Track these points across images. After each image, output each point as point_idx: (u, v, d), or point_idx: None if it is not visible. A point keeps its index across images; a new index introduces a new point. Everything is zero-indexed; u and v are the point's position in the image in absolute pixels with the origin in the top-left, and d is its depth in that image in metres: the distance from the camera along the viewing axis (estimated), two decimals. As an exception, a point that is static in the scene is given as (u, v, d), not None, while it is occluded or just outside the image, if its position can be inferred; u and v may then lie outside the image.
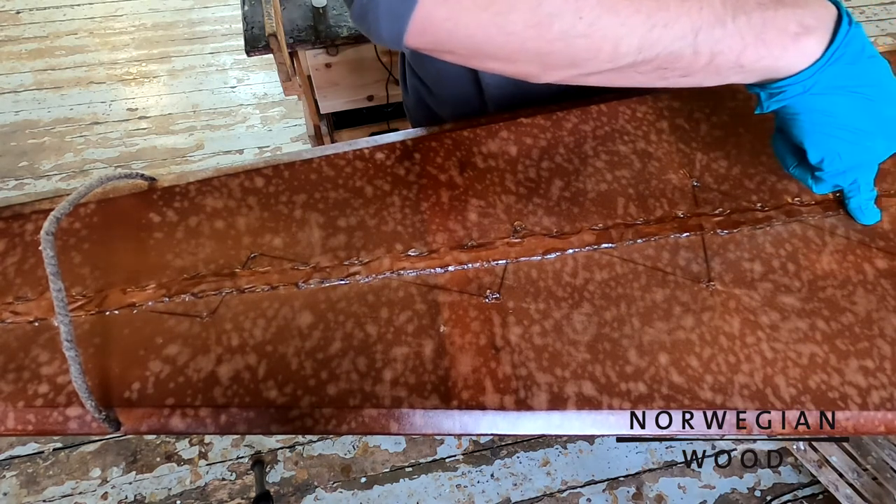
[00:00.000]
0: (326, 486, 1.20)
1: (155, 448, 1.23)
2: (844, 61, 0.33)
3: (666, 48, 0.31)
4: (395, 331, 0.37)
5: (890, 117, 0.35)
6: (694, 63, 0.32)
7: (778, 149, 0.41)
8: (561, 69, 0.32)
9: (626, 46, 0.31)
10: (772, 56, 0.32)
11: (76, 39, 2.24)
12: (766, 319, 0.39)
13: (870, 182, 0.41)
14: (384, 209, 0.42)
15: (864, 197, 0.42)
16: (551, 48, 0.30)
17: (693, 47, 0.31)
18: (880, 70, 0.34)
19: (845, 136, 0.35)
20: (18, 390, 0.34)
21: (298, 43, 1.19)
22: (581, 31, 0.29)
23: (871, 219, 0.43)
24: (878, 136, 0.35)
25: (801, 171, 0.40)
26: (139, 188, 0.42)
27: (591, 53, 0.31)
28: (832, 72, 0.33)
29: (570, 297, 0.39)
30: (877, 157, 0.36)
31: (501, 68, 0.33)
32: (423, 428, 0.35)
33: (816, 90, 0.34)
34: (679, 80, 0.34)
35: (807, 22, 0.32)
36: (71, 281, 0.38)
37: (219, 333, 0.37)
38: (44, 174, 1.76)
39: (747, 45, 0.32)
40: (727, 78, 0.34)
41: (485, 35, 0.30)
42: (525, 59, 0.31)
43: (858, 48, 0.33)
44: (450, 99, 0.63)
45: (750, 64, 0.33)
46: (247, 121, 1.95)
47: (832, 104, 0.34)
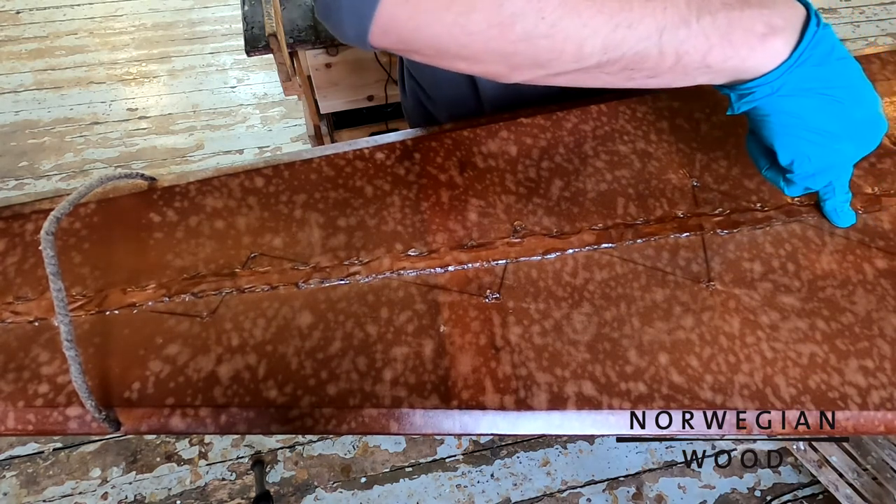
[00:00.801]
0: (326, 486, 1.20)
1: (155, 448, 1.23)
2: (812, 62, 0.33)
3: (631, 48, 0.31)
4: (395, 331, 0.37)
5: (859, 120, 0.34)
6: (661, 64, 0.32)
7: (751, 150, 0.41)
8: (527, 69, 0.32)
9: (591, 47, 0.31)
10: (739, 57, 0.32)
11: (76, 39, 2.24)
12: (765, 319, 0.39)
13: (845, 185, 0.41)
14: (384, 209, 0.42)
15: (840, 200, 0.41)
16: (515, 49, 0.30)
17: (658, 48, 0.31)
18: (850, 72, 0.34)
19: (814, 139, 0.35)
20: (18, 390, 0.34)
21: (298, 43, 1.19)
22: (544, 31, 0.29)
23: (846, 221, 0.42)
24: (847, 139, 0.35)
25: (774, 173, 0.39)
26: (139, 188, 0.42)
27: (556, 54, 0.31)
28: (800, 73, 0.33)
29: (570, 296, 0.39)
30: (847, 159, 0.36)
31: (468, 68, 0.33)
32: (423, 428, 0.35)
33: (785, 91, 0.34)
34: (647, 80, 0.34)
35: (774, 22, 0.32)
36: (71, 281, 0.38)
37: (219, 333, 0.37)
38: (44, 174, 1.76)
39: (713, 46, 0.32)
40: (696, 79, 0.34)
41: (448, 35, 0.30)
42: (490, 59, 0.31)
43: (827, 49, 0.33)
44: (446, 101, 0.63)
45: (717, 65, 0.33)
46: (247, 121, 1.94)
47: (801, 106, 0.34)
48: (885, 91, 0.52)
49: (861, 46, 1.75)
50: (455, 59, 0.32)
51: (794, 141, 0.35)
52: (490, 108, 0.60)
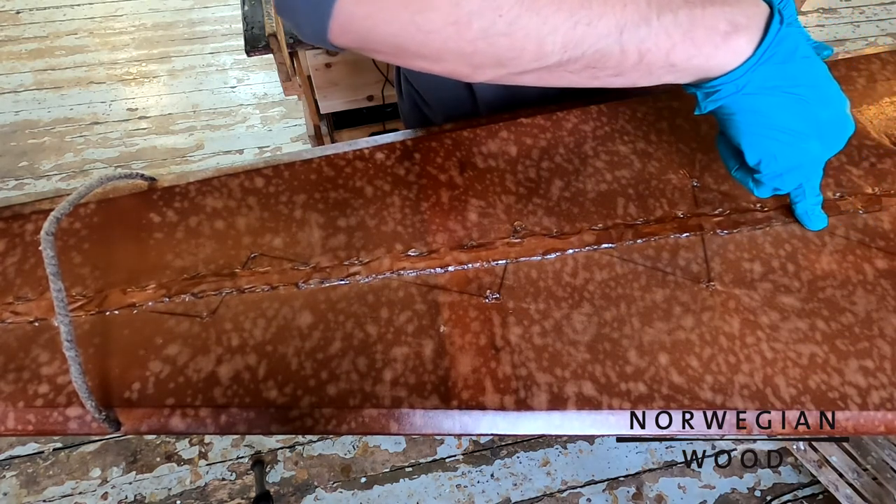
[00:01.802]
0: (326, 486, 1.20)
1: (155, 448, 1.23)
2: (776, 61, 0.33)
3: (592, 46, 0.31)
4: (395, 331, 0.37)
5: (825, 120, 0.34)
6: (623, 62, 0.32)
7: (721, 151, 0.40)
8: (489, 68, 0.32)
9: (551, 45, 0.30)
10: (703, 55, 0.32)
11: (76, 39, 2.24)
12: (765, 319, 0.39)
13: (815, 187, 0.40)
14: (384, 209, 0.42)
15: (811, 202, 0.41)
16: (474, 47, 0.30)
17: (620, 45, 0.31)
18: (815, 71, 0.34)
19: (780, 138, 0.34)
20: (18, 390, 0.34)
21: (298, 43, 1.19)
22: (501, 29, 0.29)
23: (817, 224, 0.42)
24: (814, 139, 0.34)
25: (743, 173, 0.39)
26: (139, 188, 0.42)
27: (516, 52, 0.30)
28: (765, 71, 0.33)
29: (570, 297, 0.39)
30: (813, 159, 0.36)
31: (430, 67, 0.32)
32: (423, 428, 0.35)
33: (750, 90, 0.33)
34: (613, 79, 0.34)
35: (737, 20, 0.32)
36: (71, 281, 0.38)
37: (219, 333, 0.37)
38: (44, 174, 1.76)
39: (675, 44, 0.32)
40: (661, 78, 0.34)
41: (405, 33, 0.29)
42: (450, 58, 0.31)
43: (791, 48, 0.33)
44: (442, 105, 0.63)
45: (681, 63, 0.32)
46: (247, 121, 1.94)
47: (766, 104, 0.34)
48: (885, 91, 0.52)
49: (861, 46, 1.75)
50: (416, 59, 0.32)
51: (761, 140, 0.35)
52: (486, 111, 0.60)
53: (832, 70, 0.52)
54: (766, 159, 0.35)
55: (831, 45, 0.53)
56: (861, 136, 0.48)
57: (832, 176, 0.46)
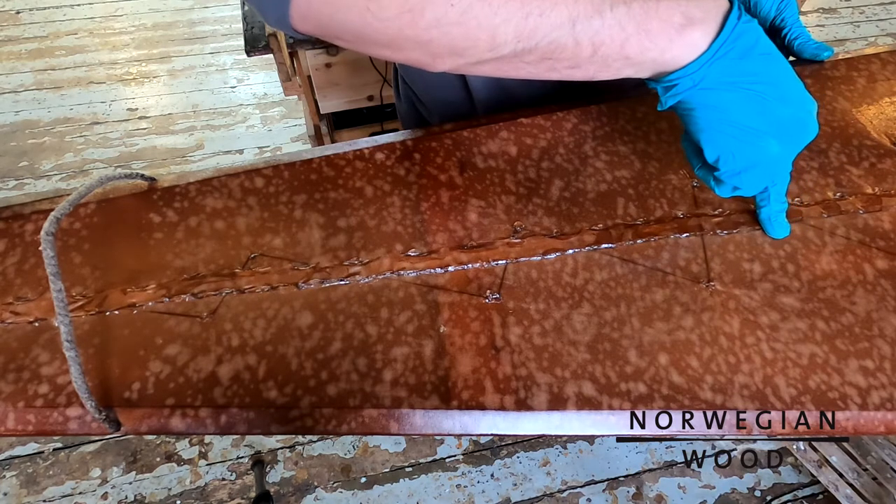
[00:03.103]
0: (326, 486, 1.20)
1: (155, 448, 1.23)
2: (734, 56, 0.33)
3: (545, 37, 0.31)
4: (395, 331, 0.37)
5: (783, 117, 0.34)
6: (578, 54, 0.32)
7: (686, 149, 0.40)
8: (447, 58, 0.32)
9: (503, 35, 0.30)
10: (657, 48, 0.32)
11: (76, 39, 2.24)
12: (765, 320, 0.39)
13: (781, 193, 0.40)
14: (384, 209, 0.42)
15: (775, 208, 0.41)
16: (428, 36, 0.30)
17: (573, 37, 0.31)
18: (775, 68, 0.34)
19: (738, 135, 0.34)
20: (18, 390, 0.34)
21: (298, 43, 1.19)
22: (454, 18, 0.29)
23: (779, 232, 0.42)
24: (772, 137, 0.34)
25: (705, 172, 0.39)
26: (139, 188, 0.42)
27: (470, 42, 0.31)
28: (722, 66, 0.33)
29: (570, 297, 0.39)
30: (772, 158, 0.35)
31: (390, 55, 0.33)
32: (423, 428, 0.35)
33: (706, 84, 0.33)
34: (571, 72, 0.34)
35: (692, 14, 0.32)
36: (71, 281, 0.38)
37: (219, 334, 0.37)
38: (44, 174, 1.76)
39: (629, 36, 0.32)
40: (620, 71, 0.34)
41: (362, 21, 0.30)
42: (408, 46, 0.31)
43: (750, 43, 0.33)
44: (438, 105, 0.63)
45: (636, 56, 0.32)
46: (247, 121, 1.94)
47: (724, 100, 0.34)
48: (886, 91, 0.52)
49: (861, 46, 1.75)
50: (376, 47, 0.32)
51: (719, 136, 0.35)
52: (483, 111, 0.60)
53: (832, 70, 0.52)
54: (724, 156, 0.35)
55: (831, 45, 0.53)
56: (861, 136, 0.48)
57: (832, 176, 0.46)
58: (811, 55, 0.51)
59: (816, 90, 0.51)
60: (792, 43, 0.50)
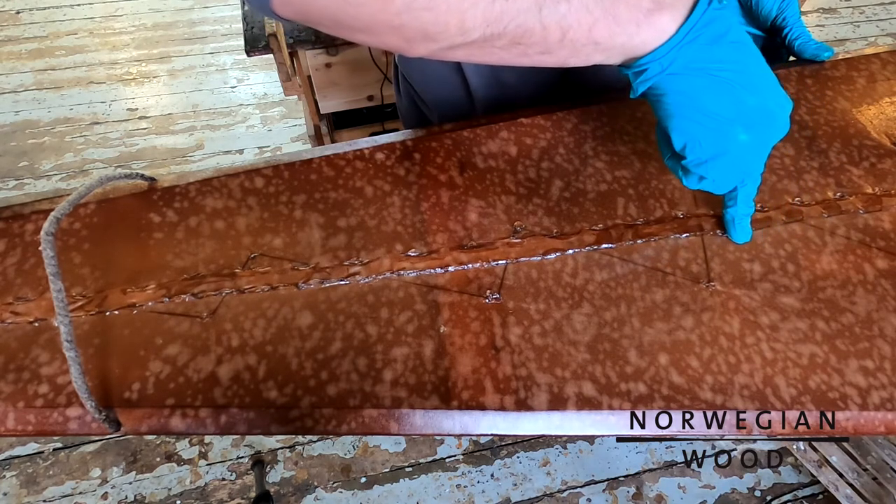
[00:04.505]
0: (326, 486, 1.20)
1: (155, 448, 1.23)
2: (703, 41, 0.33)
3: (512, 21, 0.31)
4: (395, 331, 0.37)
5: (751, 107, 0.34)
6: (547, 38, 0.32)
7: (658, 139, 0.40)
8: (420, 42, 0.32)
9: (472, 20, 0.30)
10: (626, 33, 0.32)
11: (76, 39, 2.24)
12: (765, 320, 0.39)
13: (749, 195, 0.39)
14: (384, 209, 0.42)
15: (741, 211, 0.40)
16: (400, 20, 0.30)
17: (540, 21, 0.31)
18: (746, 57, 0.33)
19: (705, 122, 0.34)
20: (18, 391, 0.34)
21: (298, 43, 1.19)
22: (423, 3, 0.29)
23: (740, 237, 0.41)
24: (739, 126, 0.34)
25: (674, 162, 0.39)
26: (139, 188, 0.42)
27: (440, 26, 0.31)
28: (691, 51, 0.33)
29: (570, 297, 0.39)
30: (740, 149, 0.35)
31: (368, 40, 0.33)
32: (423, 428, 0.35)
33: (675, 69, 0.33)
34: (542, 57, 0.34)
35: None
36: (71, 281, 0.38)
37: (219, 334, 0.37)
38: (44, 174, 1.76)
39: (597, 20, 0.31)
40: (590, 56, 0.34)
41: (336, 5, 0.30)
42: (383, 31, 0.31)
43: (721, 30, 0.33)
44: (437, 102, 0.63)
45: (605, 41, 0.32)
46: (247, 121, 1.94)
47: (692, 86, 0.33)
48: (886, 91, 0.52)
49: (861, 46, 1.75)
50: (354, 32, 0.32)
51: (686, 123, 0.34)
52: (482, 107, 0.60)
53: (832, 70, 0.52)
54: (691, 143, 0.35)
55: (831, 45, 0.53)
56: (861, 136, 0.48)
57: (832, 176, 0.46)
58: (812, 55, 0.51)
59: (816, 90, 0.51)
60: (793, 43, 0.50)
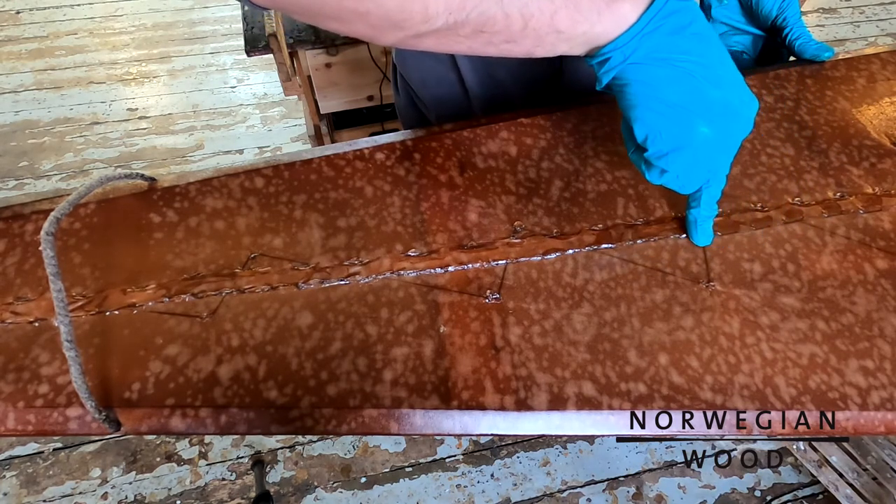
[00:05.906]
0: (326, 486, 1.20)
1: (155, 448, 1.23)
2: (665, 31, 0.33)
3: (474, 9, 0.31)
4: (395, 331, 0.37)
5: (713, 99, 0.33)
6: (510, 27, 0.32)
7: (624, 132, 0.39)
8: (388, 31, 0.32)
9: (434, 8, 0.31)
10: (588, 21, 0.32)
11: (76, 39, 2.24)
12: (765, 320, 0.39)
13: (713, 197, 0.39)
14: (384, 209, 0.42)
15: (703, 213, 0.40)
16: (365, 8, 0.30)
17: (502, 9, 0.31)
18: (709, 49, 0.33)
19: (667, 112, 0.34)
20: (18, 390, 0.34)
21: (298, 43, 1.19)
22: None
23: (701, 239, 0.41)
24: (700, 117, 0.34)
25: (637, 156, 0.38)
26: (139, 188, 0.42)
27: (405, 14, 0.31)
28: (653, 41, 0.33)
29: (570, 297, 0.39)
30: (702, 142, 0.34)
31: (339, 28, 0.33)
32: (423, 428, 0.35)
33: (637, 58, 0.33)
34: (509, 47, 0.34)
35: None
36: (71, 281, 0.38)
37: (219, 334, 0.37)
38: (44, 174, 1.76)
39: (558, 9, 0.32)
40: (555, 46, 0.34)
41: None
42: (351, 18, 0.31)
43: (684, 21, 0.33)
44: (434, 101, 0.63)
45: (567, 30, 0.33)
46: (247, 121, 1.95)
47: (654, 76, 0.33)
48: (886, 91, 0.52)
49: (861, 46, 1.75)
50: (326, 19, 0.32)
51: (647, 113, 0.34)
52: (478, 106, 0.60)
53: (832, 70, 0.52)
54: (652, 135, 0.35)
55: (831, 45, 0.53)
56: (861, 136, 0.48)
57: (832, 176, 0.46)
58: (812, 55, 0.51)
59: (817, 90, 0.51)
60: (793, 43, 0.50)
